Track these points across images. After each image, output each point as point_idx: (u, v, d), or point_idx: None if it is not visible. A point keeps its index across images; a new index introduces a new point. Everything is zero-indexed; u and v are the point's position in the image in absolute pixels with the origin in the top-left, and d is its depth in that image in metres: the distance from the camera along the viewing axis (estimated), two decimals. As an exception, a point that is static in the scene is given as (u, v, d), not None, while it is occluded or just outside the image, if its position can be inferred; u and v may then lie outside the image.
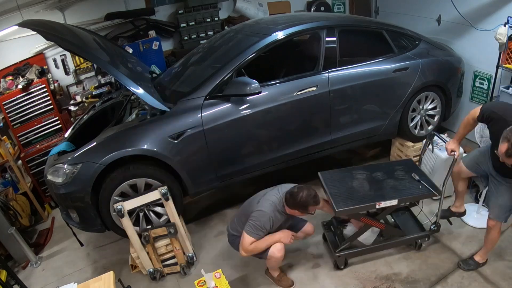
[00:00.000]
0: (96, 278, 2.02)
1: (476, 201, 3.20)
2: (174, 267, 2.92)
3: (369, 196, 2.57)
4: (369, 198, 2.55)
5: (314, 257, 2.94)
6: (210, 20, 4.88)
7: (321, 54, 3.21)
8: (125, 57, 3.55)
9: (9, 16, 3.90)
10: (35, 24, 2.85)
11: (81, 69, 4.63)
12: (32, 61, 4.20)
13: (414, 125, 3.68)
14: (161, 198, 2.74)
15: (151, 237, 2.76)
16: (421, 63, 3.48)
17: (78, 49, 2.84)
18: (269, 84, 3.05)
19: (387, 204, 2.53)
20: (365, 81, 3.30)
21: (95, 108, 3.67)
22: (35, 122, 4.00)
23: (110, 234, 3.11)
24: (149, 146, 2.73)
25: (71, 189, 2.66)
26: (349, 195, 2.59)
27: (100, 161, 2.63)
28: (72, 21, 4.31)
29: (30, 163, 3.98)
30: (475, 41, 3.81)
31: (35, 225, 3.87)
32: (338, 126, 3.35)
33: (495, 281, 2.52)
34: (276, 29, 3.15)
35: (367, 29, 3.58)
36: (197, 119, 2.83)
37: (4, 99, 3.78)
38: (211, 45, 3.70)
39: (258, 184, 3.88)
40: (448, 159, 3.11)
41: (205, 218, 3.54)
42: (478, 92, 3.94)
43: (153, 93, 2.91)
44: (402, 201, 2.57)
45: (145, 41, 4.49)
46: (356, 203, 2.51)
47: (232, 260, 2.98)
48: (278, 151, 3.21)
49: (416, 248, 2.84)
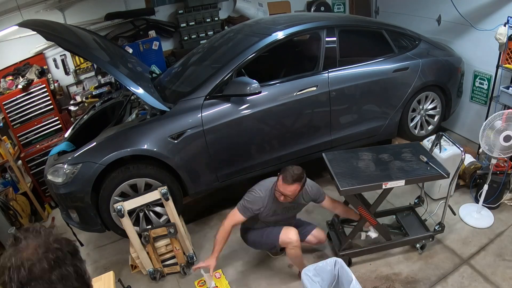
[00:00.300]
0: (96, 278, 2.01)
1: (476, 201, 3.20)
2: (174, 267, 2.92)
3: (375, 176, 2.48)
4: (375, 178, 2.46)
5: (314, 257, 2.93)
6: (210, 20, 4.88)
7: (321, 54, 3.21)
8: (125, 57, 3.55)
9: (9, 16, 3.90)
10: (35, 24, 2.85)
11: (81, 69, 4.63)
12: (32, 61, 4.20)
13: (414, 125, 3.68)
14: (161, 198, 2.74)
15: (151, 237, 2.76)
16: (421, 63, 3.48)
17: (78, 49, 2.83)
18: (269, 84, 3.06)
19: (394, 185, 2.43)
20: (365, 81, 3.31)
21: (95, 108, 3.67)
22: (35, 122, 4.00)
23: (110, 234, 3.11)
24: (149, 146, 2.73)
25: (71, 189, 2.66)
26: (354, 175, 2.48)
27: (100, 161, 2.63)
28: (72, 21, 4.31)
29: (30, 163, 3.98)
30: (475, 41, 3.81)
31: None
32: (338, 126, 3.35)
33: (495, 281, 2.51)
34: (276, 29, 3.15)
35: (367, 29, 3.58)
36: (197, 119, 2.83)
37: (4, 99, 3.78)
38: (211, 45, 3.70)
39: (258, 184, 3.90)
40: (448, 159, 3.12)
41: (205, 218, 3.53)
42: (478, 92, 3.94)
43: (153, 93, 2.91)
44: (410, 182, 2.48)
45: (145, 41, 4.49)
46: (361, 182, 2.42)
47: (232, 260, 2.98)
48: (278, 151, 3.21)
49: (419, 249, 2.80)
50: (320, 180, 3.83)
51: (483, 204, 3.08)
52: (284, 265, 2.88)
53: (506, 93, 3.31)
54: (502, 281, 2.51)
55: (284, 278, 2.79)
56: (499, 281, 2.52)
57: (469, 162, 3.40)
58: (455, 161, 3.18)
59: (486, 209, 3.13)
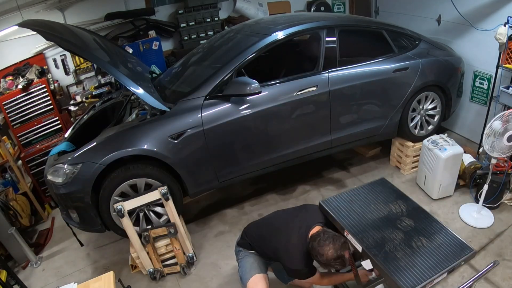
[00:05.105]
0: (96, 278, 2.01)
1: (476, 201, 3.20)
2: (174, 267, 2.92)
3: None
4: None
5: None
6: (210, 20, 4.88)
7: (321, 54, 3.21)
8: (125, 57, 3.55)
9: (9, 16, 3.91)
10: (35, 24, 2.84)
11: (81, 69, 4.63)
12: (32, 61, 4.20)
13: (414, 125, 3.68)
14: (161, 198, 2.74)
15: (151, 237, 2.76)
16: (421, 63, 3.48)
17: (78, 49, 2.83)
18: (269, 84, 3.05)
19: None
20: (365, 81, 3.30)
21: (95, 108, 3.67)
22: (35, 122, 4.00)
23: (110, 234, 3.11)
24: (149, 146, 2.73)
25: (71, 189, 2.66)
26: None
27: (100, 161, 2.63)
28: (72, 21, 4.31)
29: (30, 163, 3.98)
30: (475, 41, 3.81)
31: (35, 225, 3.87)
32: (338, 126, 3.35)
33: (495, 281, 2.51)
34: (276, 29, 3.15)
35: (367, 29, 3.58)
36: (197, 119, 2.83)
37: (4, 99, 3.78)
38: (211, 45, 3.70)
39: (258, 184, 3.91)
40: (448, 159, 3.12)
41: (205, 218, 3.54)
42: (478, 92, 3.94)
43: (153, 93, 2.91)
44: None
45: (145, 41, 4.49)
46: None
47: (232, 260, 2.97)
48: (278, 151, 3.21)
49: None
50: (320, 180, 3.85)
51: (483, 204, 3.08)
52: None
53: (506, 93, 3.31)
54: (502, 281, 2.51)
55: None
56: (499, 281, 2.51)
57: (469, 162, 3.41)
58: (455, 161, 3.21)
59: (486, 209, 3.13)
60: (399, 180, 3.70)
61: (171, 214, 2.78)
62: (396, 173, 3.83)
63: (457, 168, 3.27)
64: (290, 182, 3.85)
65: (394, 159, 3.92)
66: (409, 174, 3.76)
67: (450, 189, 3.34)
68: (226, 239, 3.21)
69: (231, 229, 3.34)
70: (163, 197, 2.73)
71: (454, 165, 3.23)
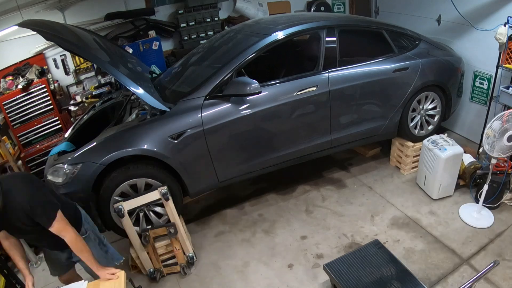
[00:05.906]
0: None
1: (476, 201, 3.20)
2: (174, 267, 2.92)
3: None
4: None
5: (314, 257, 2.94)
6: (210, 20, 4.89)
7: (321, 54, 3.21)
8: (125, 57, 3.55)
9: (9, 16, 3.90)
10: (35, 24, 2.84)
11: (81, 69, 4.63)
12: (32, 61, 4.20)
13: (414, 125, 3.68)
14: (161, 198, 2.74)
15: (151, 237, 2.76)
16: (421, 63, 3.48)
17: (78, 49, 2.83)
18: (269, 84, 3.05)
19: None
20: (365, 81, 3.30)
21: (95, 108, 3.67)
22: (35, 122, 4.00)
23: (110, 234, 3.10)
24: (149, 146, 2.73)
25: (71, 189, 2.66)
26: None
27: (100, 161, 2.63)
28: (72, 21, 4.31)
29: (30, 163, 3.98)
30: (475, 41, 3.81)
31: (35, 225, 3.86)
32: (338, 126, 3.35)
33: (495, 281, 2.51)
34: (276, 29, 3.15)
35: (367, 29, 3.58)
36: (197, 119, 2.83)
37: (4, 99, 3.78)
38: (211, 45, 3.70)
39: (258, 184, 3.91)
40: (448, 159, 3.12)
41: (205, 218, 3.54)
42: (478, 92, 3.94)
43: (153, 93, 2.91)
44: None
45: (145, 41, 4.49)
46: None
47: (232, 260, 2.98)
48: (278, 151, 3.21)
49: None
50: (320, 180, 3.85)
51: (483, 204, 3.08)
52: (284, 266, 2.87)
53: (506, 93, 3.31)
54: (502, 281, 2.51)
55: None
56: (499, 281, 2.52)
57: (469, 162, 3.41)
58: (455, 161, 3.21)
59: (486, 209, 3.13)
60: (399, 180, 3.71)
61: (171, 214, 2.78)
62: (396, 173, 3.83)
63: (457, 168, 3.27)
64: (290, 182, 3.85)
65: (394, 159, 3.93)
66: (409, 174, 3.76)
67: (450, 189, 3.34)
68: (226, 239, 3.21)
69: (231, 229, 3.34)
70: (163, 197, 2.73)
71: (454, 165, 3.23)
